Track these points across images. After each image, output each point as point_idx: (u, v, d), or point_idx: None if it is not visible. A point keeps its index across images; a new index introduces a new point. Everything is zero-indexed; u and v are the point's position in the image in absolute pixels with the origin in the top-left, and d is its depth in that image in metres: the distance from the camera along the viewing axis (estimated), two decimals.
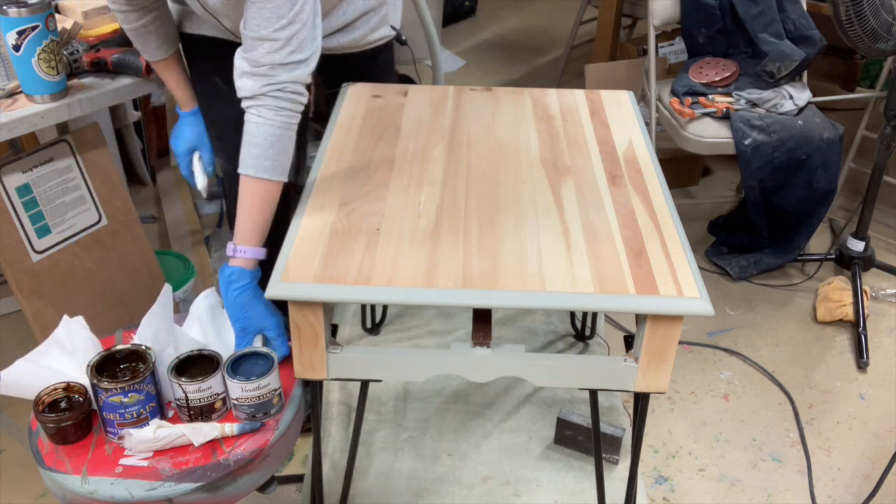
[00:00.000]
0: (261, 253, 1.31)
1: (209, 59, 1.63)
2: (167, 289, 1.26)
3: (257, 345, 1.30)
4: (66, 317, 1.30)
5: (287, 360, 1.30)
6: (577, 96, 1.74)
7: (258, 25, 1.23)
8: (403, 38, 1.74)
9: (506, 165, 1.46)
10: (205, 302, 1.37)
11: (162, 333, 1.25)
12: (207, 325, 1.34)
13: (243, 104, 1.30)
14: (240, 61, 1.29)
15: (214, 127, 1.71)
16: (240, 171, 1.31)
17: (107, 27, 1.89)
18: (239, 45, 1.58)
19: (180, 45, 1.59)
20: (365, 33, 1.64)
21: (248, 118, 1.30)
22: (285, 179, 1.32)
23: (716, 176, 3.10)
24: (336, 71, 1.38)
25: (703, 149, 2.35)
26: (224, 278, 1.29)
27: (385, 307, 2.23)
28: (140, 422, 1.19)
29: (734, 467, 1.91)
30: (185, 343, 1.28)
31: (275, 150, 1.29)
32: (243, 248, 1.29)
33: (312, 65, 1.30)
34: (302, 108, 1.32)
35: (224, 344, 1.32)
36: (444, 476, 1.81)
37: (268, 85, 1.26)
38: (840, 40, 2.15)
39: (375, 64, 1.75)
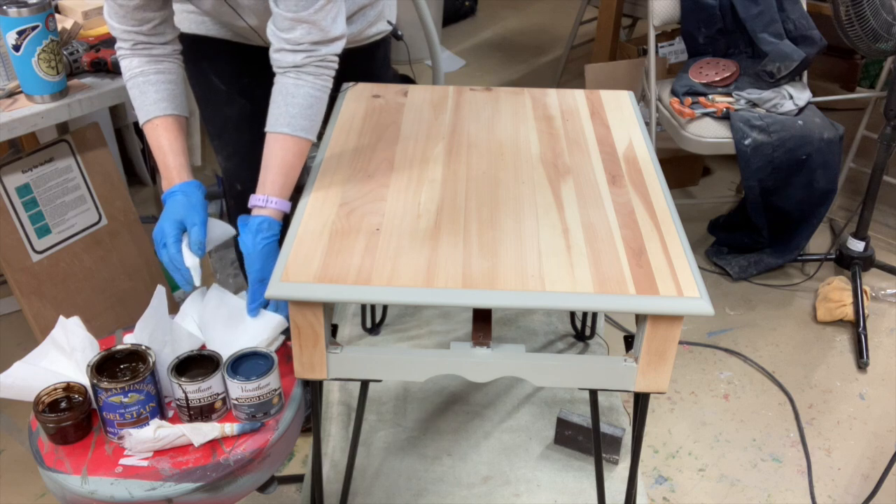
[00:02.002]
0: (288, 206, 1.32)
1: (206, 59, 1.64)
2: (160, 289, 1.25)
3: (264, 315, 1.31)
4: (62, 317, 1.30)
5: (287, 360, 1.30)
6: (577, 96, 1.74)
7: (297, 6, 1.26)
8: (400, 33, 1.75)
9: (506, 165, 1.46)
10: (198, 300, 1.37)
11: (158, 334, 1.25)
12: (203, 321, 1.34)
13: (279, 71, 1.32)
14: (276, 39, 1.30)
15: (213, 125, 1.72)
16: (270, 130, 1.32)
17: (107, 27, 1.89)
18: (238, 44, 1.59)
19: (185, 113, 1.45)
20: (363, 28, 1.64)
21: (285, 81, 1.32)
22: (315, 140, 1.35)
23: (716, 176, 3.10)
24: (350, 65, 1.41)
25: (703, 149, 2.35)
26: (252, 226, 1.28)
27: (385, 307, 2.23)
28: (140, 422, 1.19)
29: (734, 467, 1.91)
30: (181, 337, 1.28)
31: (312, 111, 1.32)
32: (275, 199, 1.30)
33: (345, 39, 1.35)
34: (334, 73, 1.36)
35: (221, 340, 1.31)
36: (444, 476, 1.81)
37: (309, 57, 1.30)
38: (840, 40, 2.15)
39: (374, 59, 1.76)
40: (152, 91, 1.38)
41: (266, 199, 1.30)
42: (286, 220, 1.33)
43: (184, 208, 1.32)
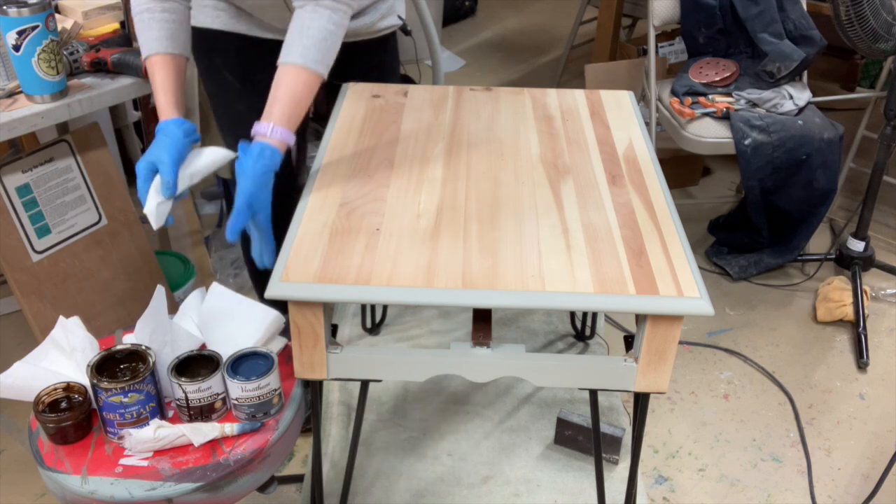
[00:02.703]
0: (293, 139, 1.29)
1: (219, 55, 1.65)
2: (160, 290, 1.26)
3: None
4: (62, 317, 1.30)
5: (287, 360, 1.30)
6: (577, 96, 1.74)
7: None
8: (409, 28, 1.77)
9: (506, 165, 1.46)
10: (197, 299, 1.37)
11: (158, 334, 1.25)
12: (202, 317, 1.35)
13: (297, 5, 1.31)
14: None
15: (224, 120, 1.72)
16: (282, 61, 1.30)
17: (107, 27, 1.90)
18: (251, 38, 1.59)
19: (185, 54, 1.47)
20: (375, 20, 1.66)
21: (301, 14, 1.30)
22: (325, 77, 1.32)
23: (716, 176, 3.10)
24: (351, 59, 1.41)
25: (703, 149, 2.35)
26: (254, 152, 1.25)
27: (385, 307, 2.23)
28: (140, 422, 1.19)
29: (734, 467, 1.91)
30: (181, 337, 1.28)
31: (326, 44, 1.30)
32: (280, 129, 1.27)
33: None
34: (350, 14, 1.33)
35: (219, 336, 1.32)
36: (444, 476, 1.81)
37: None
38: (840, 40, 2.15)
39: (385, 52, 1.78)
40: (155, 28, 1.38)
41: (271, 129, 1.26)
42: (289, 155, 1.30)
43: (157, 148, 1.29)
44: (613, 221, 1.31)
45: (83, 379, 1.22)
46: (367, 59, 1.74)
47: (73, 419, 1.18)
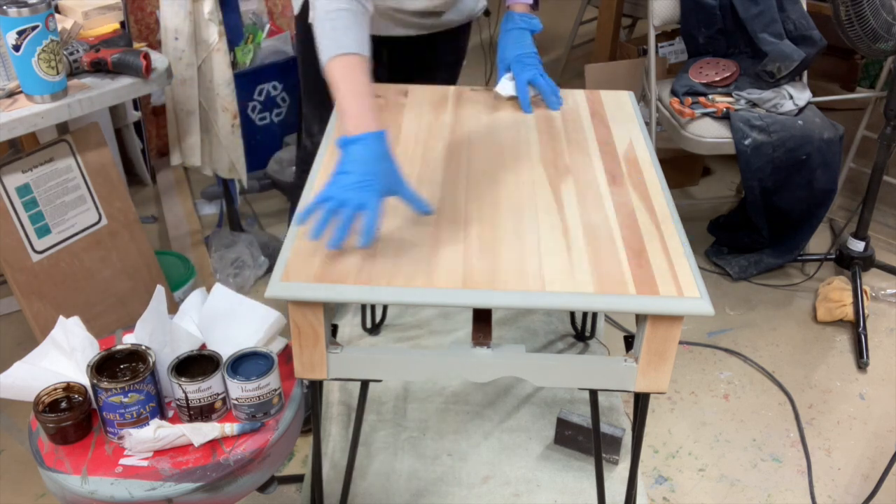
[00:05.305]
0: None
1: None
2: (160, 290, 1.26)
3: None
4: (62, 317, 1.30)
5: (287, 360, 1.30)
6: (577, 96, 1.74)
7: None
8: (488, 9, 1.92)
9: (506, 165, 1.46)
10: (197, 299, 1.37)
11: (158, 334, 1.25)
12: (202, 317, 1.35)
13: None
14: None
15: (321, 105, 1.79)
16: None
17: (107, 27, 1.90)
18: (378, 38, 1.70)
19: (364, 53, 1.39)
20: (477, 1, 1.82)
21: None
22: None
23: (716, 176, 3.10)
24: (448, 42, 1.67)
25: (703, 149, 2.35)
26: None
27: (385, 307, 2.23)
28: (140, 422, 1.19)
29: (734, 467, 1.91)
30: (181, 337, 1.28)
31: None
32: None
33: None
34: None
35: (220, 336, 1.32)
36: (444, 476, 1.81)
37: None
38: (840, 40, 2.15)
39: (469, 33, 1.92)
40: (356, 29, 1.35)
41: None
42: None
43: (372, 180, 1.21)
44: (613, 221, 1.31)
45: (83, 379, 1.22)
46: (463, 42, 1.90)
47: (73, 419, 1.18)
